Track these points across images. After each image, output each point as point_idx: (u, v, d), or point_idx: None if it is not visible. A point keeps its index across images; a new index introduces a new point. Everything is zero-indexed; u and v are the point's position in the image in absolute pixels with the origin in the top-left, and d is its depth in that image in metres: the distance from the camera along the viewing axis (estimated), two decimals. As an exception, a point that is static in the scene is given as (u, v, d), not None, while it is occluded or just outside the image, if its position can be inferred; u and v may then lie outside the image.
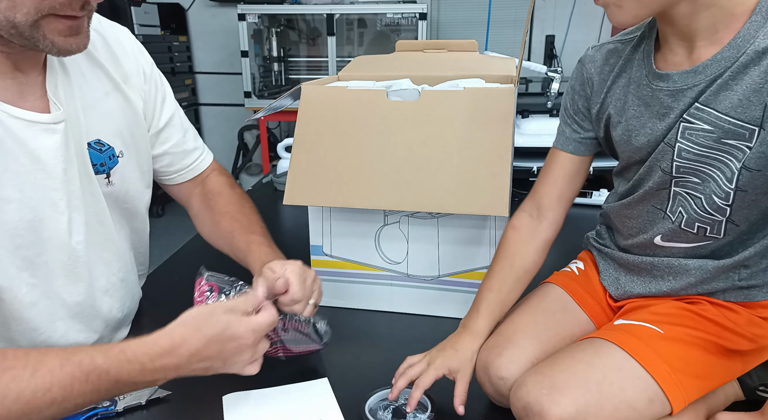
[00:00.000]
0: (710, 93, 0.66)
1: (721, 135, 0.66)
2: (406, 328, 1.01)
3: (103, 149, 0.83)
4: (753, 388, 0.77)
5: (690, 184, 0.72)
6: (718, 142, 0.67)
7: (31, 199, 0.72)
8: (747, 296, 0.75)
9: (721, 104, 0.66)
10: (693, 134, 0.69)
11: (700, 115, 0.68)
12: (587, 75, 0.82)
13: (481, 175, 0.90)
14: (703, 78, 0.67)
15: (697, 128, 0.68)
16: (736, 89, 0.64)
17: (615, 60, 0.79)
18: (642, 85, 0.74)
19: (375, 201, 0.93)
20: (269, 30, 3.96)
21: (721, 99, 0.66)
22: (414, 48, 1.34)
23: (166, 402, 0.78)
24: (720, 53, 0.65)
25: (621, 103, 0.77)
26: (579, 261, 0.94)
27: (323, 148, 0.97)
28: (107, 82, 0.85)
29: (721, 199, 0.69)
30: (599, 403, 0.65)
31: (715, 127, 0.67)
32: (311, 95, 1.00)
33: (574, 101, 0.85)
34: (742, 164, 0.66)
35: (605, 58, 0.80)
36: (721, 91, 0.66)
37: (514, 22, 4.01)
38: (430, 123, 0.94)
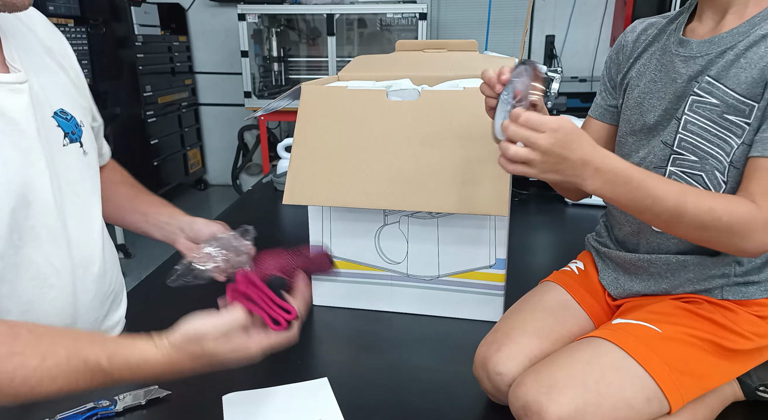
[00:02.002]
0: (722, 67, 0.69)
1: (724, 110, 0.69)
2: (406, 328, 1.01)
3: (68, 118, 0.82)
4: (753, 388, 0.77)
5: (687, 163, 0.74)
6: (721, 116, 0.70)
7: (13, 161, 0.71)
8: (745, 294, 0.75)
9: (731, 80, 0.68)
10: (700, 107, 0.71)
11: (709, 89, 0.70)
12: (624, 42, 0.87)
13: (481, 175, 0.90)
14: (715, 48, 0.70)
15: (705, 102, 0.71)
16: (745, 66, 0.67)
17: (652, 31, 0.83)
18: (666, 52, 0.78)
19: (375, 201, 0.93)
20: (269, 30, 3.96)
21: (731, 75, 0.68)
22: (414, 48, 1.34)
23: (166, 402, 0.78)
24: (737, 28, 0.69)
25: (644, 68, 0.81)
26: (579, 261, 0.94)
27: (323, 148, 0.97)
28: (50, 57, 0.85)
29: (721, 173, 0.72)
30: (598, 402, 0.65)
31: (721, 102, 0.69)
32: (311, 95, 1.00)
33: (609, 69, 0.89)
34: (742, 140, 0.69)
35: (644, 29, 0.85)
36: (732, 66, 0.69)
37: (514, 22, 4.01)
38: (430, 123, 0.94)
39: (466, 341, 0.87)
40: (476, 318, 1.01)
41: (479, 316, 1.01)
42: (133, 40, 3.77)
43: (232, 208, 1.72)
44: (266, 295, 0.70)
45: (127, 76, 3.84)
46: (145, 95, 3.89)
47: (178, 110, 4.37)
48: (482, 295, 1.00)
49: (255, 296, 0.70)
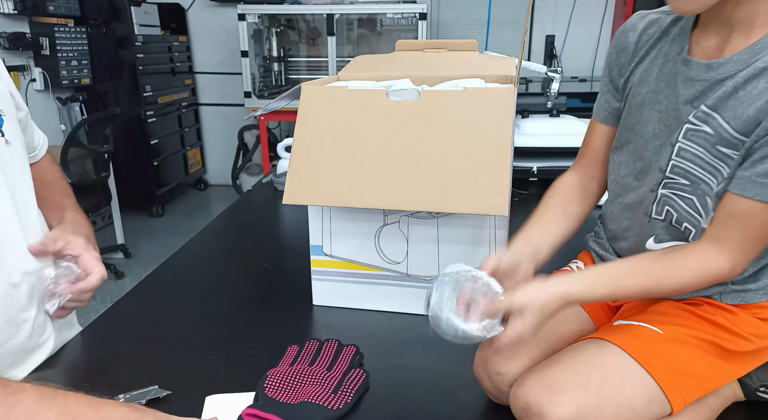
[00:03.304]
0: (719, 98, 0.67)
1: (718, 140, 0.67)
2: (406, 328, 1.01)
3: None
4: (753, 389, 0.77)
5: (679, 186, 0.73)
6: (714, 146, 0.67)
7: None
8: (743, 298, 0.75)
9: (727, 112, 0.66)
10: (695, 135, 0.69)
11: (705, 119, 0.68)
12: (625, 43, 0.82)
13: (481, 175, 0.90)
14: (715, 75, 0.68)
15: (700, 130, 0.69)
16: (742, 100, 0.65)
17: (654, 30, 0.79)
18: (669, 61, 0.75)
19: (374, 200, 0.92)
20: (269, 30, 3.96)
21: (728, 106, 0.66)
22: (414, 48, 1.34)
23: (166, 402, 0.78)
24: (738, 55, 0.66)
25: (646, 75, 0.78)
26: (579, 261, 0.94)
27: (323, 147, 0.96)
28: None
29: (711, 199, 0.70)
30: (599, 403, 0.65)
31: (715, 132, 0.67)
32: (311, 95, 1.00)
33: (611, 70, 0.85)
34: (730, 172, 0.67)
35: (645, 27, 0.80)
36: (730, 98, 0.66)
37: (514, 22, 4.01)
38: (430, 123, 0.94)
39: (466, 341, 0.86)
40: (476, 318, 1.01)
41: (479, 316, 1.01)
42: (133, 40, 3.78)
43: (232, 208, 1.72)
44: None
45: (127, 76, 3.84)
46: (145, 95, 3.89)
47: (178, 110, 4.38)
48: (482, 295, 1.00)
49: None
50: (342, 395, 0.77)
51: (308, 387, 0.78)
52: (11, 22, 3.31)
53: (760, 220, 0.65)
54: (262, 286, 1.15)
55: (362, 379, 0.81)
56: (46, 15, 3.35)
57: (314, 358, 0.86)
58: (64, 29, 3.47)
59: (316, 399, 0.75)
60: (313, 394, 0.76)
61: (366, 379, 0.82)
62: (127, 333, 0.97)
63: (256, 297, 1.11)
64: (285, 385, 0.78)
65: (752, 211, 0.65)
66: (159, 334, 0.96)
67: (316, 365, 0.84)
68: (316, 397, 0.75)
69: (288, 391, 0.77)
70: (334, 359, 0.85)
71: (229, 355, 0.90)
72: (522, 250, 0.76)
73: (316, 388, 0.78)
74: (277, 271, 1.22)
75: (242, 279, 1.20)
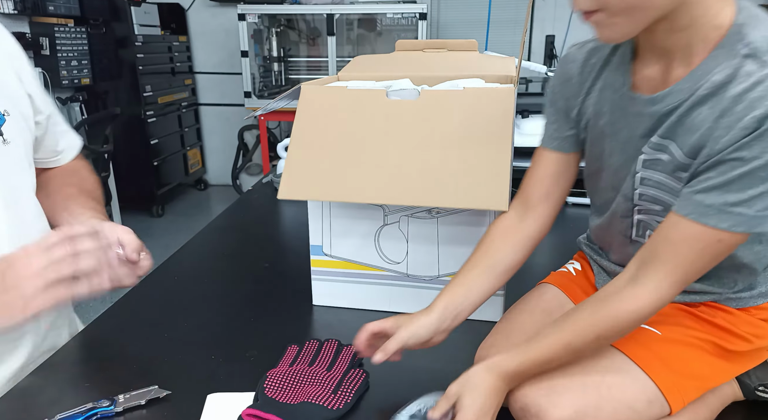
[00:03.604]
0: (668, 127, 0.65)
1: (675, 166, 0.66)
2: (405, 328, 1.00)
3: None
4: (752, 388, 0.77)
5: (653, 211, 0.72)
6: (673, 173, 0.66)
7: None
8: (738, 304, 0.75)
9: (678, 139, 0.65)
10: (653, 164, 0.68)
11: (660, 147, 0.67)
12: (568, 75, 0.79)
13: (481, 175, 0.90)
14: (661, 107, 0.66)
15: (655, 159, 0.68)
16: (689, 127, 0.63)
17: (595, 60, 0.76)
18: (616, 93, 0.73)
19: (372, 196, 0.92)
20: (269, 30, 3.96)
21: (678, 134, 0.65)
22: (414, 48, 1.34)
23: (166, 402, 0.78)
24: (680, 84, 0.64)
25: (599, 106, 0.76)
26: (575, 261, 0.94)
27: (321, 146, 0.97)
28: None
29: None
30: (598, 405, 0.65)
31: (671, 158, 0.66)
32: (311, 95, 1.00)
33: (555, 101, 0.82)
34: None
35: (586, 58, 0.78)
36: (677, 126, 0.64)
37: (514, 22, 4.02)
38: (430, 123, 0.94)
39: (465, 341, 0.87)
40: (476, 318, 1.01)
41: (479, 316, 1.01)
42: (133, 40, 3.78)
43: (232, 208, 1.72)
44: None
45: (127, 76, 3.84)
46: (145, 95, 3.89)
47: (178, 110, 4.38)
48: (482, 295, 1.00)
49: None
50: (342, 395, 0.77)
51: (308, 387, 0.78)
52: (11, 22, 3.31)
53: (689, 244, 0.61)
54: (262, 286, 1.15)
55: (362, 379, 0.81)
56: (46, 15, 3.35)
57: (314, 358, 0.86)
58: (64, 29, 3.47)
59: (316, 399, 0.75)
60: (313, 394, 0.76)
61: (366, 379, 0.82)
62: (127, 333, 0.97)
63: (256, 297, 1.11)
64: (285, 386, 0.78)
65: (685, 231, 0.61)
66: (159, 334, 0.96)
67: (316, 365, 0.84)
68: (316, 398, 0.75)
69: (288, 392, 0.77)
70: (334, 359, 0.86)
71: (229, 355, 0.90)
72: (441, 318, 0.77)
73: (316, 389, 0.78)
74: (277, 271, 1.22)
75: (242, 279, 1.20)
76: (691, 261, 0.62)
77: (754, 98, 0.56)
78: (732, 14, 0.61)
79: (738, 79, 0.58)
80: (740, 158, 0.57)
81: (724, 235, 0.60)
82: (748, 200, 0.57)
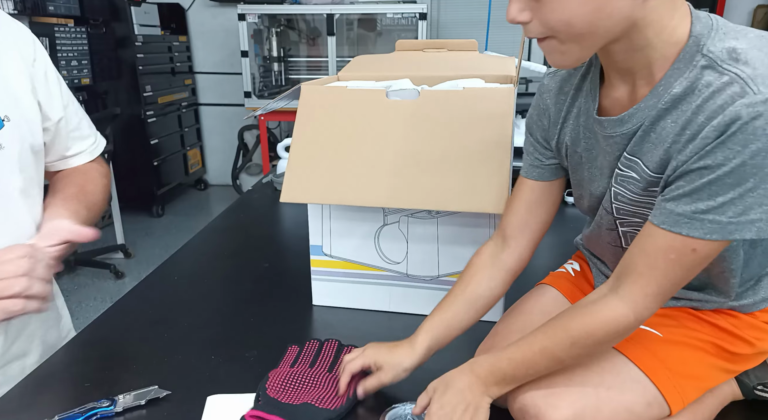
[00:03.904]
0: (635, 143, 0.65)
1: (646, 184, 0.66)
2: (405, 328, 1.00)
3: None
4: (751, 387, 0.77)
5: (635, 223, 0.71)
6: (645, 190, 0.66)
7: None
8: (741, 310, 0.75)
9: (645, 156, 0.64)
10: (624, 180, 0.68)
11: (629, 164, 0.67)
12: (544, 106, 0.79)
13: (481, 175, 0.90)
14: (628, 127, 0.65)
15: (627, 176, 0.68)
16: (654, 141, 0.63)
17: (568, 88, 0.76)
18: (589, 118, 0.72)
19: (373, 199, 0.93)
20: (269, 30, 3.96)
21: (644, 151, 0.64)
22: (414, 47, 1.34)
23: (166, 402, 0.78)
24: (644, 101, 0.64)
25: (575, 134, 0.75)
26: (574, 262, 0.94)
27: (322, 147, 0.97)
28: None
29: None
30: (597, 406, 0.65)
31: (641, 177, 0.66)
32: (311, 95, 1.00)
33: (533, 131, 0.82)
34: None
35: (559, 87, 0.77)
36: (643, 142, 0.64)
37: (514, 22, 4.01)
38: (430, 123, 0.94)
39: (465, 341, 0.87)
40: (476, 318, 1.01)
41: (479, 316, 1.01)
42: (133, 40, 3.78)
43: (232, 208, 1.72)
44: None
45: (127, 76, 3.84)
46: (145, 95, 3.89)
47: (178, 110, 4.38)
48: (482, 295, 1.00)
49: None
50: (343, 396, 0.77)
51: (310, 388, 0.78)
52: (11, 22, 3.31)
53: (664, 253, 0.60)
54: (262, 286, 1.15)
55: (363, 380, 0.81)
56: (46, 15, 3.35)
57: (315, 359, 0.86)
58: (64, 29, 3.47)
59: (318, 400, 0.75)
60: (315, 395, 0.76)
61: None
62: (127, 333, 0.97)
63: (256, 297, 1.11)
64: (287, 387, 0.78)
65: (658, 240, 0.61)
66: (159, 334, 0.96)
67: (317, 366, 0.84)
68: (318, 398, 0.76)
69: (290, 393, 0.77)
70: (335, 360, 0.86)
71: (229, 355, 0.90)
72: (424, 357, 0.79)
73: (318, 389, 0.78)
74: (277, 271, 1.22)
75: (242, 279, 1.20)
76: (665, 272, 0.61)
77: (714, 108, 0.56)
78: (688, 27, 0.60)
79: (697, 91, 0.58)
80: (706, 167, 0.57)
81: (698, 243, 0.58)
82: (718, 207, 0.57)
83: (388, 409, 0.75)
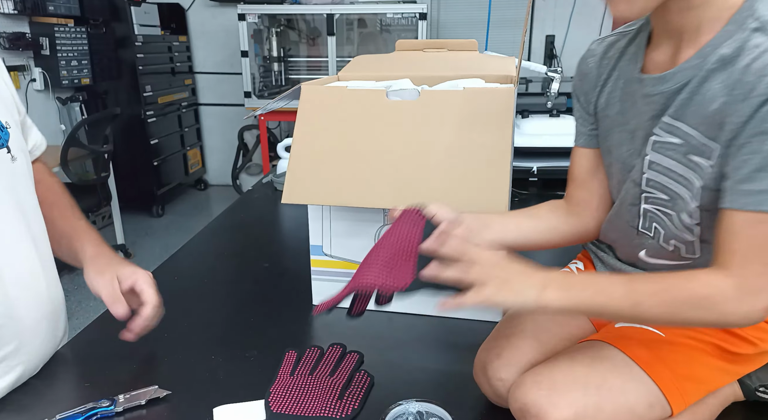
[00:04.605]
0: (679, 105, 0.66)
1: (688, 149, 0.65)
2: (406, 328, 1.01)
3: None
4: (753, 389, 0.77)
5: (660, 201, 0.71)
6: (685, 156, 0.66)
7: None
8: None
9: (690, 119, 0.65)
10: (663, 146, 0.68)
11: (670, 129, 0.67)
12: (587, 69, 0.82)
13: (481, 175, 0.90)
14: (670, 85, 0.66)
15: (666, 142, 0.68)
16: (700, 103, 0.63)
17: (613, 52, 0.78)
18: (628, 81, 0.74)
19: (374, 200, 0.92)
20: (269, 30, 3.96)
21: (690, 113, 0.65)
22: (414, 47, 1.34)
23: (165, 402, 0.78)
24: (689, 61, 0.64)
25: (611, 98, 0.77)
26: (578, 261, 0.94)
27: (322, 147, 0.96)
28: None
29: (689, 217, 0.68)
30: (599, 406, 0.64)
31: (683, 141, 0.66)
32: (311, 95, 1.00)
33: (578, 98, 0.85)
34: (703, 183, 0.65)
35: (604, 52, 0.80)
36: (689, 104, 0.65)
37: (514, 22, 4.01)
38: (430, 123, 0.94)
39: (466, 341, 0.87)
40: (476, 318, 1.01)
41: (479, 316, 1.01)
42: (133, 40, 3.78)
43: (232, 208, 1.72)
44: None
45: (127, 76, 3.84)
46: (145, 95, 3.89)
47: (178, 110, 4.38)
48: (482, 295, 1.00)
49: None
50: (348, 401, 0.77)
51: (313, 396, 0.78)
52: (11, 22, 3.31)
53: (757, 233, 0.59)
54: (262, 287, 1.15)
55: (367, 384, 0.81)
56: (46, 15, 3.35)
57: (315, 365, 0.85)
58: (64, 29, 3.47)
59: (323, 409, 0.75)
60: (319, 404, 0.76)
61: (371, 382, 0.81)
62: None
63: (256, 297, 1.11)
64: (289, 398, 0.77)
65: (746, 223, 0.60)
66: (159, 334, 0.96)
67: (318, 371, 0.83)
68: (323, 407, 0.75)
69: (293, 404, 0.76)
70: (338, 364, 0.85)
71: (229, 355, 0.90)
72: (472, 217, 0.77)
73: (322, 397, 0.77)
74: (277, 271, 1.22)
75: (242, 279, 1.20)
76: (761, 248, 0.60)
77: (761, 66, 0.57)
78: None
79: (746, 52, 0.59)
80: (766, 131, 0.57)
81: None
82: None
83: (392, 406, 0.74)
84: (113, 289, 0.83)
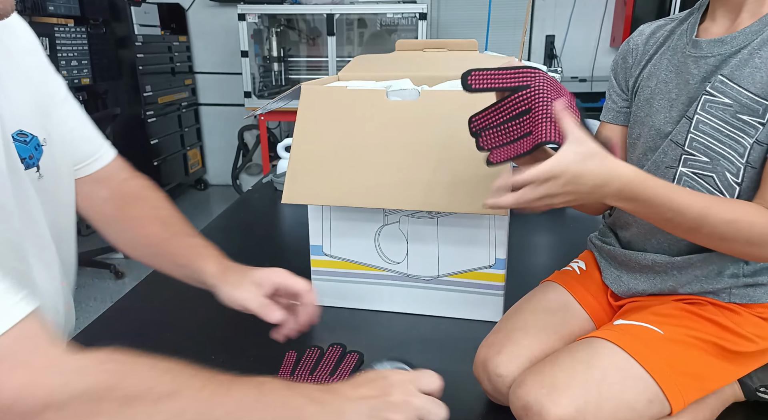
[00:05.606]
0: (734, 66, 0.69)
1: (738, 109, 0.69)
2: (405, 328, 1.01)
3: (27, 140, 0.72)
4: (753, 389, 0.77)
5: (698, 164, 0.74)
6: (734, 116, 0.69)
7: None
8: (752, 298, 0.75)
9: (745, 79, 0.68)
10: (713, 107, 0.71)
11: (723, 89, 0.70)
12: (632, 46, 0.86)
13: (481, 174, 0.90)
14: (728, 48, 0.70)
15: (718, 102, 0.71)
16: (759, 65, 0.67)
17: (661, 33, 0.83)
18: (677, 53, 0.78)
19: (374, 200, 0.92)
20: (269, 30, 3.96)
21: (746, 74, 0.68)
22: (414, 47, 1.34)
23: (165, 402, 0.78)
24: (749, 27, 0.69)
25: (655, 69, 0.81)
26: (580, 260, 0.94)
27: (322, 147, 0.96)
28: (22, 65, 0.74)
29: (733, 175, 0.71)
30: (599, 403, 0.65)
31: (734, 101, 0.69)
32: (311, 95, 1.00)
33: (617, 74, 0.88)
34: (755, 139, 0.68)
35: (653, 32, 0.84)
36: (746, 65, 0.68)
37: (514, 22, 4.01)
38: (430, 123, 0.94)
39: (465, 341, 0.87)
40: (476, 318, 1.01)
41: (479, 316, 1.01)
42: (133, 40, 3.78)
43: (232, 208, 1.72)
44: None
45: (127, 76, 3.84)
46: (145, 95, 3.89)
47: (178, 110, 4.38)
48: (482, 296, 1.00)
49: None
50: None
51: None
52: (11, 22, 3.31)
53: None
54: (262, 286, 1.15)
55: None
56: (46, 15, 3.34)
57: (315, 365, 0.85)
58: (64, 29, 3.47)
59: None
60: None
61: None
62: (127, 333, 0.97)
63: (256, 297, 1.11)
64: None
65: None
66: (159, 335, 0.96)
67: (318, 371, 0.83)
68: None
69: None
70: (338, 363, 0.85)
71: (229, 355, 0.90)
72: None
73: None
74: (277, 271, 1.22)
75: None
76: None
77: None
78: None
79: None
80: None
81: None
82: None
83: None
84: (257, 296, 0.80)
